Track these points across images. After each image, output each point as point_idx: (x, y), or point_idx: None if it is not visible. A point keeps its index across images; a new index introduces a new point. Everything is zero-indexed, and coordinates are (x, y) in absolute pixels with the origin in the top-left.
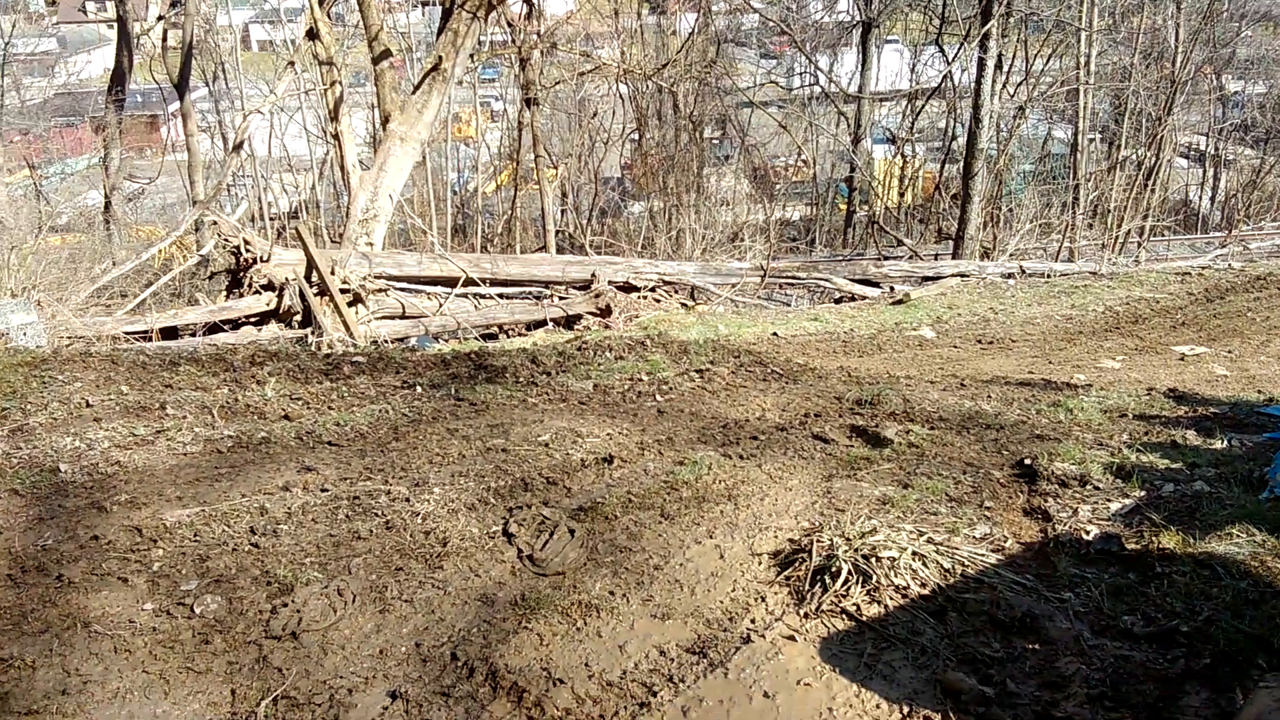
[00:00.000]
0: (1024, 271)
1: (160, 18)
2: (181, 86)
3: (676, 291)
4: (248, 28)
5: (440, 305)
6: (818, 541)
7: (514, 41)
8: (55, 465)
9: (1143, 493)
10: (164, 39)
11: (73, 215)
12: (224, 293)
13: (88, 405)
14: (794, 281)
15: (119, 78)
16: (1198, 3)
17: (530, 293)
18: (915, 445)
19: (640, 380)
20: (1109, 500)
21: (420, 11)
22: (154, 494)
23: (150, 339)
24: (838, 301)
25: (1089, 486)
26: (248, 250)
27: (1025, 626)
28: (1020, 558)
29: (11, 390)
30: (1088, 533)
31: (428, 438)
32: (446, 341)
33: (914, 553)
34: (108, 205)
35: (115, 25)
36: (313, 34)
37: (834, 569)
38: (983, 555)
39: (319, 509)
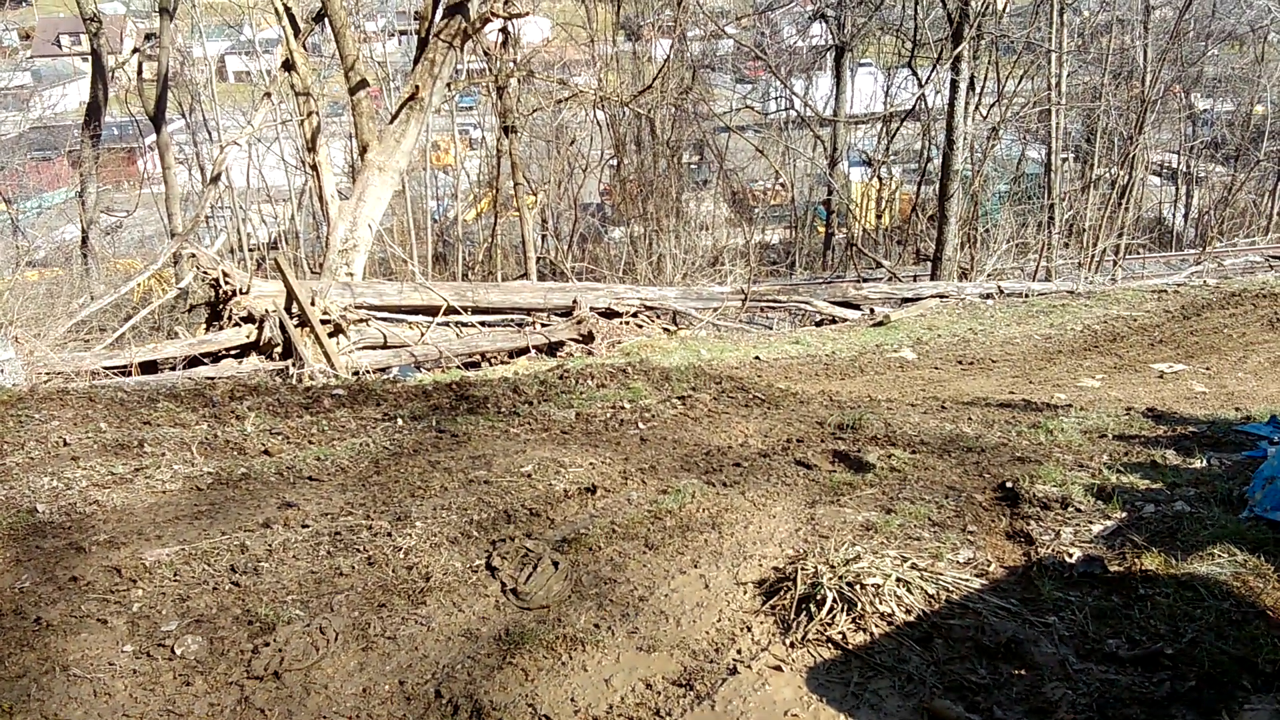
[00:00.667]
0: (1002, 291)
1: (136, 50)
2: (158, 119)
3: (658, 316)
4: (224, 59)
5: (422, 334)
6: (802, 569)
7: (491, 70)
8: (33, 506)
9: (1124, 514)
10: (140, 71)
11: (50, 250)
12: (204, 325)
13: (65, 444)
14: (775, 305)
15: (95, 111)
16: (1165, 23)
17: (512, 320)
18: (897, 470)
19: (623, 408)
20: (1091, 522)
21: (397, 41)
22: (133, 533)
23: (129, 373)
24: (819, 324)
25: (1070, 508)
26: (227, 282)
27: (1011, 652)
28: (1004, 582)
29: None
30: (1070, 555)
31: (409, 471)
32: (429, 371)
33: (898, 579)
34: (85, 239)
35: (90, 59)
36: (289, 65)
37: (819, 597)
38: (967, 580)
39: (300, 545)
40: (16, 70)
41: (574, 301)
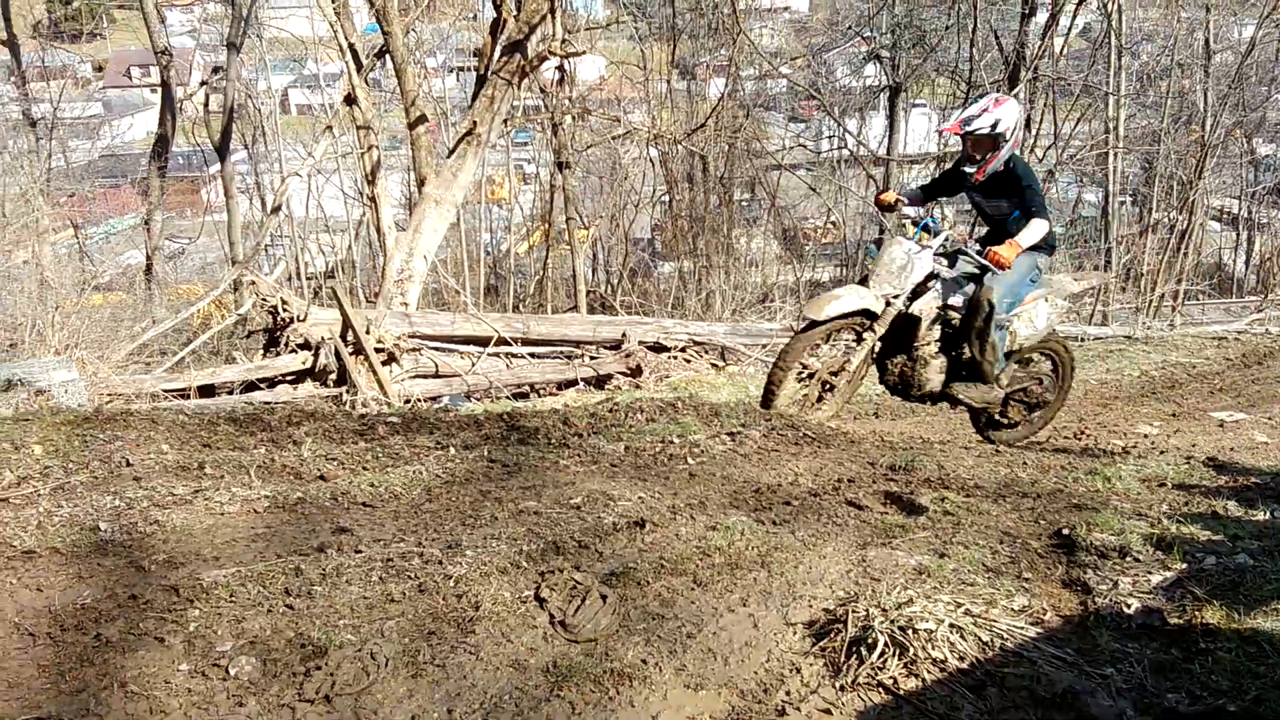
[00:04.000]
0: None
1: (203, 83)
2: (222, 149)
3: (707, 352)
4: (287, 92)
5: (473, 364)
6: (853, 612)
7: (547, 107)
8: (95, 524)
9: (1184, 565)
10: (206, 104)
11: (115, 274)
12: (261, 351)
13: (128, 464)
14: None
15: (162, 141)
16: (1226, 68)
17: (561, 352)
18: (951, 513)
19: (671, 443)
20: (1149, 572)
21: (455, 77)
22: (191, 554)
23: (188, 396)
24: None
25: (1129, 558)
26: (285, 310)
27: (1066, 703)
28: (1060, 631)
29: (54, 448)
30: (1128, 606)
31: (460, 499)
32: (479, 400)
33: (951, 625)
34: (149, 265)
35: (159, 90)
36: (350, 99)
37: (870, 640)
38: (1021, 628)
39: (353, 570)
40: (89, 100)
41: (623, 335)
